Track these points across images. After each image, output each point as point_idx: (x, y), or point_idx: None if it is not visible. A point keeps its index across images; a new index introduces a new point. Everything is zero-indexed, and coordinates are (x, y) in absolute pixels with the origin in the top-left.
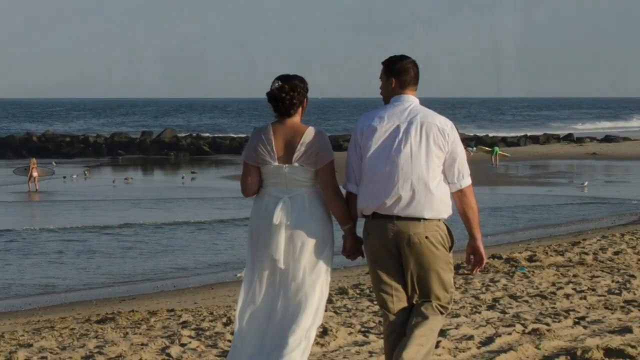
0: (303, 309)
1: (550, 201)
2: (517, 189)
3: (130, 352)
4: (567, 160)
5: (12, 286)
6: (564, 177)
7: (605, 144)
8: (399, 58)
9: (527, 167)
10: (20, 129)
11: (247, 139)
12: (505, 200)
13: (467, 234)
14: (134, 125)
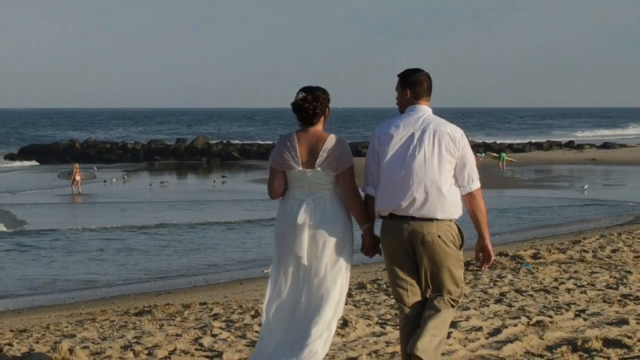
0: (325, 302)
1: (553, 203)
2: (522, 191)
3: (166, 342)
4: (569, 165)
5: (57, 281)
6: (566, 181)
7: (604, 150)
8: (413, 71)
9: (531, 172)
10: (64, 137)
11: (274, 146)
12: (512, 202)
13: (476, 234)
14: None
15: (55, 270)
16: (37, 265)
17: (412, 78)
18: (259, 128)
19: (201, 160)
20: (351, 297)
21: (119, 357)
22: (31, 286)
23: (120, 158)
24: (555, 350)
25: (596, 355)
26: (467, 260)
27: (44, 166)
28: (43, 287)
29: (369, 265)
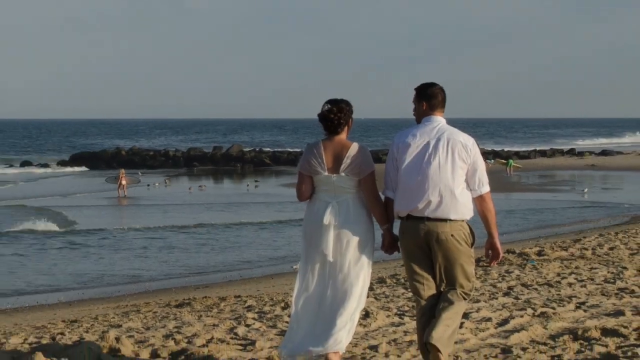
0: (348, 295)
1: (556, 205)
2: (527, 195)
3: (204, 332)
4: (570, 171)
5: (105, 276)
6: (567, 185)
7: (602, 157)
8: (429, 85)
9: (536, 177)
10: (111, 145)
11: (302, 153)
12: (518, 204)
13: (486, 233)
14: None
15: (103, 266)
16: (87, 261)
17: (428, 91)
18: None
19: (236, 166)
20: (372, 290)
21: (161, 345)
22: (81, 280)
23: (162, 164)
24: (558, 339)
25: (595, 344)
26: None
27: (93, 171)
28: (92, 282)
29: (388, 261)
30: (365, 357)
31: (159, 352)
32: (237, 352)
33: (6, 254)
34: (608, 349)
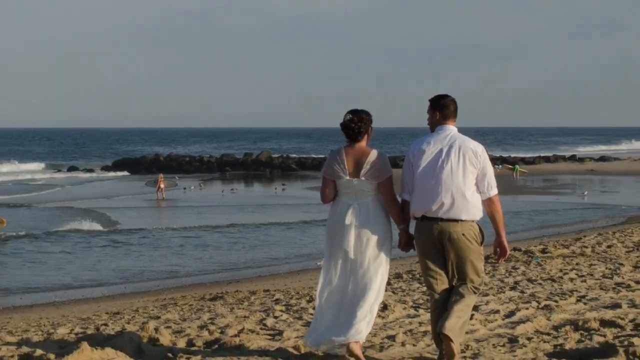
0: (368, 289)
1: (558, 207)
2: (532, 197)
3: (236, 323)
4: (571, 175)
5: (144, 272)
6: (569, 188)
7: (601, 163)
8: (442, 96)
9: (540, 181)
10: (150, 151)
11: (326, 159)
12: (524, 206)
13: (494, 232)
14: (238, 148)
15: (143, 262)
16: (128, 258)
17: (441, 102)
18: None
19: (265, 171)
20: (390, 285)
21: (196, 335)
22: (123, 276)
23: (197, 169)
24: (560, 330)
25: (594, 334)
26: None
27: (134, 176)
28: (133, 277)
29: (404, 258)
30: (384, 346)
31: (194, 342)
32: (266, 342)
33: (54, 252)
34: (606, 339)
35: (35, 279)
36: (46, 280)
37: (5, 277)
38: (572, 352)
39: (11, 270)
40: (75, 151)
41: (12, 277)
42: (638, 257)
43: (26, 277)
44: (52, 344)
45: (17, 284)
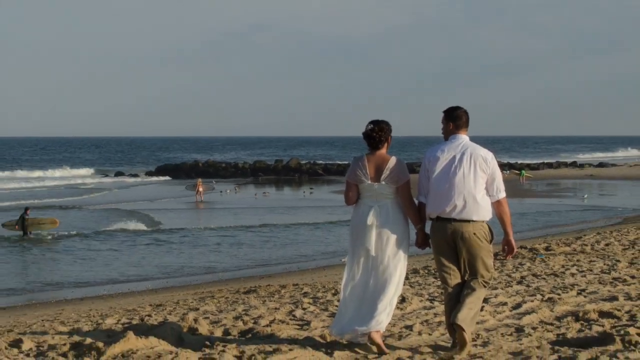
0: (388, 283)
1: (561, 208)
2: (537, 200)
3: (267, 314)
4: (572, 180)
5: (185, 267)
6: (570, 192)
7: (599, 169)
8: (455, 108)
9: (544, 185)
10: (190, 158)
11: (349, 165)
12: (529, 207)
13: (503, 231)
14: (270, 155)
15: (183, 259)
16: (170, 255)
17: (454, 113)
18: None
19: (294, 176)
20: (408, 279)
21: (231, 325)
22: (165, 271)
23: (233, 174)
24: (562, 320)
25: (593, 324)
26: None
27: (175, 180)
28: (174, 272)
29: (421, 255)
30: (402, 335)
31: (230, 331)
32: (295, 331)
33: (103, 249)
34: (604, 328)
35: (85, 274)
36: (95, 276)
37: (58, 272)
38: (573, 340)
39: (63, 266)
40: (121, 158)
41: (64, 272)
42: (633, 254)
43: (77, 273)
44: (100, 333)
45: (68, 279)
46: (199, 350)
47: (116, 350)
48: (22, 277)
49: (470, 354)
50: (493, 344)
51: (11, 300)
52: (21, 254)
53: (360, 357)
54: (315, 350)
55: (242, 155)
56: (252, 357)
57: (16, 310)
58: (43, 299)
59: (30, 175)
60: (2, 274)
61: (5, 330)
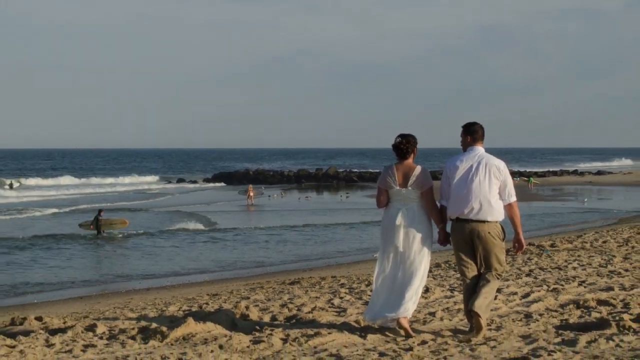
0: (414, 276)
1: (564, 210)
2: (543, 203)
3: (309, 302)
4: (574, 186)
5: (237, 262)
6: (572, 196)
7: (598, 176)
8: (472, 123)
9: (549, 190)
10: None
11: (381, 173)
12: (536, 210)
13: (513, 231)
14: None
15: (236, 254)
16: (224, 251)
17: (472, 128)
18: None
19: (332, 182)
20: (431, 272)
21: (278, 312)
22: (220, 265)
23: (279, 181)
24: (565, 308)
25: (592, 311)
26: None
27: (229, 186)
28: (228, 266)
29: (442, 251)
30: (426, 321)
31: (277, 317)
32: (333, 317)
33: (166, 246)
34: (601, 315)
35: (151, 268)
36: (159, 269)
37: (127, 266)
38: (574, 325)
39: (132, 261)
40: (182, 166)
41: (132, 266)
42: (627, 250)
43: (144, 266)
44: (164, 319)
45: (136, 272)
46: (249, 333)
47: (178, 334)
48: (96, 270)
49: (485, 337)
50: (505, 328)
51: (87, 290)
52: (95, 250)
53: (390, 340)
54: (351, 333)
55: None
56: (296, 340)
57: (91, 299)
58: (114, 289)
59: (103, 182)
60: (79, 267)
61: (81, 317)
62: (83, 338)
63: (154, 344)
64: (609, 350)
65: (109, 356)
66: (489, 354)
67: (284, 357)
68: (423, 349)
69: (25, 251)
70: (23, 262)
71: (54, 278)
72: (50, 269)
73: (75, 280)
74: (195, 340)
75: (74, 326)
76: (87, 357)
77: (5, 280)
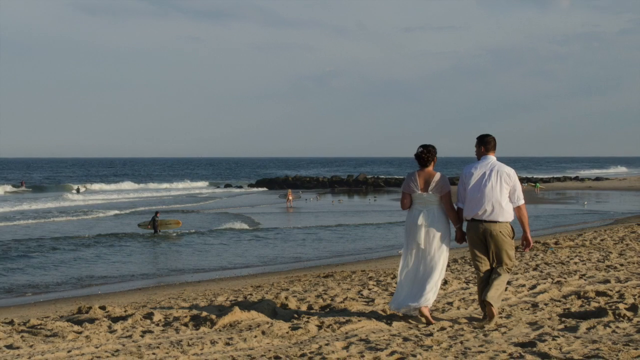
0: (434, 270)
1: (566, 212)
2: (548, 205)
3: (342, 293)
4: (575, 190)
5: (278, 257)
6: (574, 200)
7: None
8: (485, 135)
9: (554, 194)
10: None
11: (404, 179)
12: (542, 211)
13: (522, 230)
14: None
15: (276, 251)
16: (266, 248)
17: (485, 139)
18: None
19: (361, 187)
20: (449, 267)
21: (314, 301)
22: (262, 260)
23: (315, 186)
24: (568, 298)
25: (591, 301)
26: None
27: (270, 191)
28: (270, 261)
29: (459, 248)
30: (444, 309)
31: (313, 306)
32: (362, 306)
33: (215, 244)
34: (600, 304)
35: (202, 263)
36: (209, 264)
37: (180, 261)
38: (576, 313)
39: (185, 257)
40: (229, 173)
41: (185, 261)
42: (622, 247)
43: (195, 261)
44: (213, 308)
45: (189, 266)
46: (288, 321)
47: (225, 321)
48: (153, 265)
49: (497, 324)
50: (514, 316)
51: (145, 283)
52: (152, 247)
53: (412, 326)
54: (378, 321)
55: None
56: (330, 326)
57: (149, 290)
58: (169, 281)
59: (159, 187)
60: (138, 262)
61: (140, 306)
62: (141, 325)
63: (204, 330)
64: (606, 335)
65: (164, 341)
66: (500, 339)
67: (319, 342)
68: (442, 335)
69: (91, 248)
70: (88, 257)
71: (115, 272)
72: (113, 264)
73: (134, 274)
74: (240, 326)
75: (134, 314)
76: (145, 341)
77: (72, 274)
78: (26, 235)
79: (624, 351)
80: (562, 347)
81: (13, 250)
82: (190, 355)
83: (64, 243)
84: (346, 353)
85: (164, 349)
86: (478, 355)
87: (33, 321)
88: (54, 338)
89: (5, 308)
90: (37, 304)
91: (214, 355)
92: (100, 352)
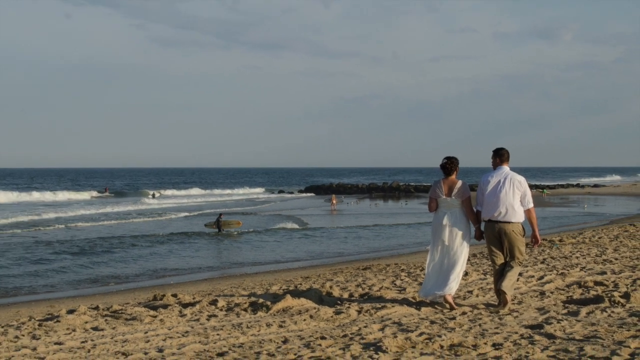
0: (456, 263)
1: (569, 214)
2: (554, 208)
3: (377, 283)
4: (577, 195)
5: (324, 253)
6: (575, 203)
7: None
8: (500, 148)
9: (558, 199)
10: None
11: (431, 186)
12: (549, 213)
13: (531, 229)
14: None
15: (322, 247)
16: (313, 244)
17: (500, 152)
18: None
19: (395, 193)
20: (469, 260)
21: (354, 290)
22: (311, 255)
23: (355, 192)
24: (570, 287)
25: (591, 289)
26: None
27: (317, 196)
28: (317, 255)
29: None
30: (465, 297)
31: (353, 294)
32: (395, 294)
33: (269, 241)
34: (598, 292)
35: (259, 257)
36: (265, 258)
37: (241, 255)
38: (577, 300)
39: (244, 252)
40: (282, 181)
41: (245, 255)
42: (616, 244)
43: (253, 256)
44: (268, 296)
45: (247, 260)
46: (333, 306)
47: (279, 307)
48: (217, 258)
49: (510, 309)
50: (525, 302)
51: (210, 274)
52: (217, 244)
53: (438, 311)
54: (409, 306)
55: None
56: (368, 311)
57: (213, 281)
58: (231, 273)
59: (223, 192)
60: (205, 257)
61: (206, 294)
62: (207, 310)
63: (261, 314)
64: (603, 319)
65: (227, 324)
66: (512, 322)
67: (359, 324)
68: (463, 318)
69: (164, 245)
70: (162, 252)
71: (185, 265)
72: (183, 258)
73: (201, 267)
74: (292, 311)
75: (201, 301)
76: (211, 324)
77: (149, 267)
78: (109, 234)
79: (618, 332)
80: (566, 329)
81: (98, 247)
82: (249, 336)
83: (142, 240)
84: (382, 334)
85: (227, 331)
86: (494, 335)
87: (115, 307)
88: (133, 321)
89: (91, 296)
90: (118, 292)
91: (269, 336)
92: (172, 333)
